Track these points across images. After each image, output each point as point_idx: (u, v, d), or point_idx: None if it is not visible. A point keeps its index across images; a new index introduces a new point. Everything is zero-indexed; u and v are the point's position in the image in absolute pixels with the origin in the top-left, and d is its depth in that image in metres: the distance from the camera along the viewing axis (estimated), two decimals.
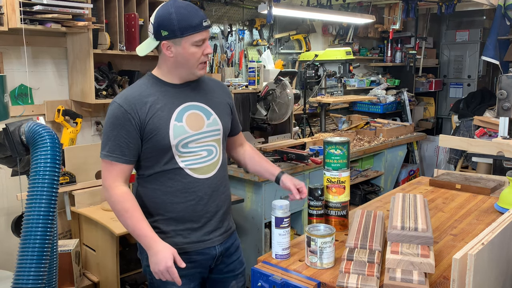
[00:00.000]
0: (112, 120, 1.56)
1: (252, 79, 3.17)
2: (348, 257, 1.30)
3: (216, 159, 1.68)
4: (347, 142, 1.64)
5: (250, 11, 3.94)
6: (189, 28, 1.53)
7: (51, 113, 2.79)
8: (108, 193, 1.56)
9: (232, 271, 1.80)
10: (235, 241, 1.82)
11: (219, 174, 1.69)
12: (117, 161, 1.55)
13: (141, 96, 1.58)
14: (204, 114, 1.66)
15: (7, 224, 2.59)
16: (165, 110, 1.59)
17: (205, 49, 1.59)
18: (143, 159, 1.63)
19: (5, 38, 2.56)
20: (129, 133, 1.55)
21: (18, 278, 1.46)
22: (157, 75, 1.66)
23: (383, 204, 1.98)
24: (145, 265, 1.72)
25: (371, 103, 5.03)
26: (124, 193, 1.55)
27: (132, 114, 1.55)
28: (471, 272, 0.97)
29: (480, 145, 2.67)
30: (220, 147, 1.71)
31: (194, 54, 1.57)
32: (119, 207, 1.54)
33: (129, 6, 2.85)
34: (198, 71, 1.62)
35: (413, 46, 5.46)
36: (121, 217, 1.55)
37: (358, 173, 3.95)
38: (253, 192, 2.94)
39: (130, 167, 1.60)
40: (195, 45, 1.56)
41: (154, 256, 1.50)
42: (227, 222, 1.77)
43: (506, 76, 2.77)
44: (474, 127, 4.41)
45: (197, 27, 1.54)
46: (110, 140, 1.55)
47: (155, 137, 1.57)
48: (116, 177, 1.56)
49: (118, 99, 1.58)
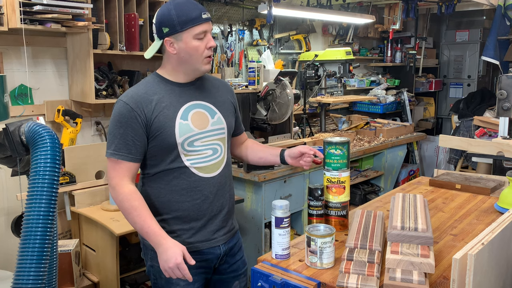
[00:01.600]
0: (118, 118, 1.56)
1: (252, 79, 3.17)
2: (348, 257, 1.30)
3: (221, 158, 1.68)
4: (347, 142, 1.64)
5: (250, 11, 3.94)
6: (188, 21, 1.54)
7: (51, 113, 2.79)
8: (115, 191, 1.56)
9: (235, 271, 1.80)
10: (238, 240, 1.82)
11: (224, 173, 1.70)
12: (123, 160, 1.55)
13: (147, 94, 1.58)
14: (209, 112, 1.67)
15: (7, 224, 2.59)
16: (171, 108, 1.59)
17: (208, 42, 1.58)
18: (149, 158, 1.63)
19: (5, 38, 2.56)
20: (136, 131, 1.55)
21: (18, 278, 1.46)
22: (162, 74, 1.66)
23: (383, 204, 1.98)
24: (149, 265, 1.72)
25: (371, 103, 5.03)
26: (132, 191, 1.55)
27: (138, 112, 1.55)
28: (471, 272, 0.97)
29: (480, 145, 2.67)
30: (225, 146, 1.71)
31: (197, 48, 1.57)
32: (127, 205, 1.54)
33: (129, 6, 2.85)
34: (203, 66, 1.61)
35: (413, 46, 5.46)
36: (129, 216, 1.55)
37: (358, 173, 3.95)
38: (253, 192, 2.94)
39: (136, 166, 1.60)
40: (196, 38, 1.56)
41: (164, 254, 1.49)
42: (231, 221, 1.77)
43: (506, 76, 2.77)
44: (474, 127, 4.41)
45: (196, 19, 1.54)
46: (116, 138, 1.55)
47: (161, 135, 1.57)
48: (123, 175, 1.56)
49: (123, 97, 1.58)
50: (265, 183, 2.88)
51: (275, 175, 2.93)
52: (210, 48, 1.59)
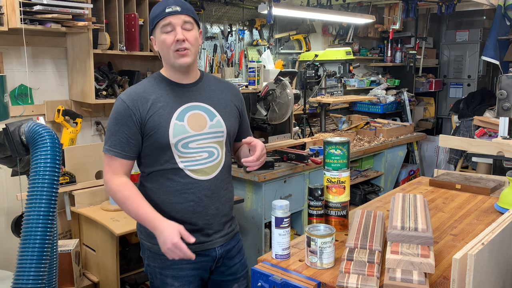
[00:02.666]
0: (115, 115, 1.58)
1: (252, 79, 3.17)
2: (348, 257, 1.30)
3: (217, 161, 1.66)
4: (347, 142, 1.64)
5: (250, 11, 3.94)
6: (155, 17, 1.58)
7: (51, 113, 2.79)
8: (108, 185, 1.58)
9: (233, 274, 1.77)
10: (237, 243, 1.79)
11: (220, 177, 1.67)
12: (117, 156, 1.57)
13: (145, 93, 1.59)
14: (208, 115, 1.65)
15: (7, 224, 2.59)
16: (167, 108, 1.59)
17: (176, 35, 1.55)
18: (143, 156, 1.63)
19: (5, 38, 2.56)
20: (130, 129, 1.56)
21: (18, 278, 1.46)
22: (164, 74, 1.67)
23: (383, 204, 1.98)
24: (146, 265, 1.72)
25: (371, 103, 5.03)
26: (123, 182, 1.57)
27: (134, 110, 1.56)
28: (471, 272, 0.97)
29: (480, 145, 2.67)
30: (223, 149, 1.68)
31: (164, 41, 1.57)
32: (120, 196, 1.55)
33: (129, 6, 2.85)
34: (175, 60, 1.58)
35: (413, 46, 5.46)
36: (123, 205, 1.56)
37: (358, 173, 3.95)
38: (253, 192, 2.94)
39: (130, 163, 1.61)
40: (163, 32, 1.57)
41: (161, 236, 1.47)
42: (229, 224, 1.75)
43: (506, 76, 2.77)
44: (474, 127, 4.41)
45: (160, 13, 1.56)
46: (112, 135, 1.57)
47: (154, 135, 1.57)
48: (116, 170, 1.58)
49: (122, 95, 1.60)
50: (265, 183, 2.88)
51: (275, 175, 2.93)
52: (179, 41, 1.54)
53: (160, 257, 1.63)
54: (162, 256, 1.61)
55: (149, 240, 1.66)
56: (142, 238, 1.70)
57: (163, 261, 1.63)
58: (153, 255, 1.66)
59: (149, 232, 1.64)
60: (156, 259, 1.65)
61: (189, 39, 1.57)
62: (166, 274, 1.65)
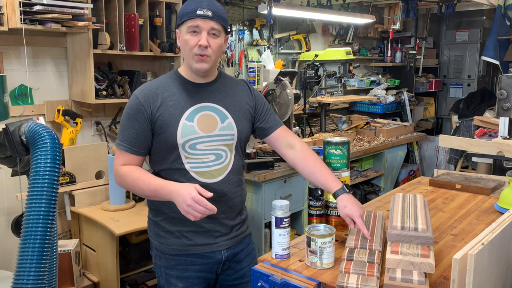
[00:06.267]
0: (128, 110, 1.58)
1: (252, 79, 3.17)
2: (348, 257, 1.30)
3: (224, 164, 1.62)
4: (347, 142, 1.64)
5: (250, 11, 3.94)
6: (185, 14, 1.55)
7: (51, 113, 2.79)
8: (118, 176, 1.58)
9: (241, 278, 1.73)
10: (246, 246, 1.75)
11: (227, 180, 1.63)
12: (126, 151, 1.57)
13: (158, 90, 1.58)
14: (219, 116, 1.61)
15: (7, 224, 2.59)
16: (178, 107, 1.57)
17: (200, 39, 1.52)
18: (153, 154, 1.63)
19: (5, 38, 2.56)
20: (141, 125, 1.56)
21: (18, 278, 1.46)
22: (180, 72, 1.65)
23: (383, 204, 1.98)
24: (154, 263, 1.72)
25: (371, 103, 5.03)
26: (130, 167, 1.56)
27: (145, 106, 1.55)
28: (471, 272, 0.97)
29: (480, 145, 2.67)
30: (232, 152, 1.64)
31: (187, 42, 1.54)
32: (130, 180, 1.54)
33: (129, 6, 2.85)
34: (193, 63, 1.56)
35: (413, 46, 5.46)
36: (136, 188, 1.54)
37: (358, 173, 3.95)
38: (253, 192, 2.94)
39: (139, 158, 1.60)
40: (188, 31, 1.54)
41: (179, 197, 1.42)
42: (238, 227, 1.70)
43: (506, 76, 2.77)
44: (474, 127, 4.41)
45: (190, 13, 1.53)
46: (124, 130, 1.58)
47: (163, 134, 1.56)
48: (124, 163, 1.58)
49: (137, 91, 1.60)
50: (265, 183, 2.88)
51: (275, 175, 2.93)
52: (201, 46, 1.52)
53: (166, 257, 1.64)
54: (168, 256, 1.63)
55: (156, 239, 1.66)
56: (151, 237, 1.70)
57: (168, 260, 1.64)
58: (160, 254, 1.66)
59: (156, 231, 1.64)
60: (162, 258, 1.65)
61: (212, 46, 1.54)
62: (171, 274, 1.64)
